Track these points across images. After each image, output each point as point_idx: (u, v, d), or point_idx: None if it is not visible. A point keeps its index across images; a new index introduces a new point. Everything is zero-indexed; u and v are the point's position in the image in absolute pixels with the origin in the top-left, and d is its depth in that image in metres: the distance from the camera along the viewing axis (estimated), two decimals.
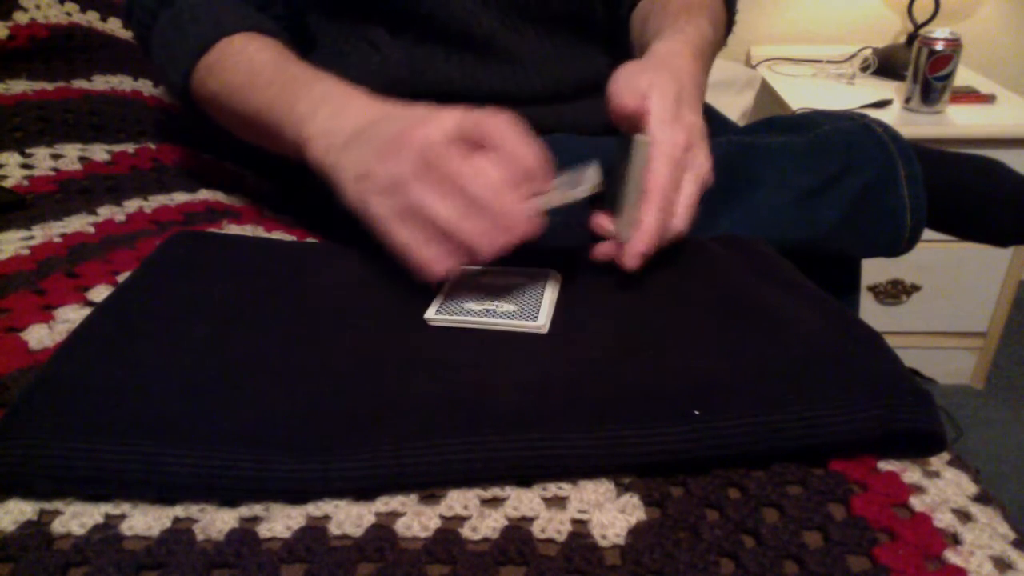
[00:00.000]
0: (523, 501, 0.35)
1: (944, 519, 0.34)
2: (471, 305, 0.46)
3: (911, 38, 1.56)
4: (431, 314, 0.46)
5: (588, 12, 0.74)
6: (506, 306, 0.46)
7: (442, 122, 0.45)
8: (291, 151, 0.53)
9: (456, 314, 0.46)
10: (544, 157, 0.44)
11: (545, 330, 0.45)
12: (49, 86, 0.76)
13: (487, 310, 0.46)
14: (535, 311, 0.46)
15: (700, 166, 0.51)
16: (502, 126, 0.44)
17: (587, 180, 0.46)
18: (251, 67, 0.56)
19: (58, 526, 0.33)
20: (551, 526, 0.34)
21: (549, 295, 0.48)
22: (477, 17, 0.68)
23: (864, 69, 1.58)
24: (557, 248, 0.55)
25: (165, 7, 0.61)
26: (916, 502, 0.35)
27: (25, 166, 0.65)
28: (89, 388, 0.38)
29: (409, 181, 0.44)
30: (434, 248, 0.44)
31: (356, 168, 0.47)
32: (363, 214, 0.47)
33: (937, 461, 0.38)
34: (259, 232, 0.63)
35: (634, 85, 0.50)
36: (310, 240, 0.65)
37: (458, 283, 0.49)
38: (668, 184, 0.49)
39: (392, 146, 0.45)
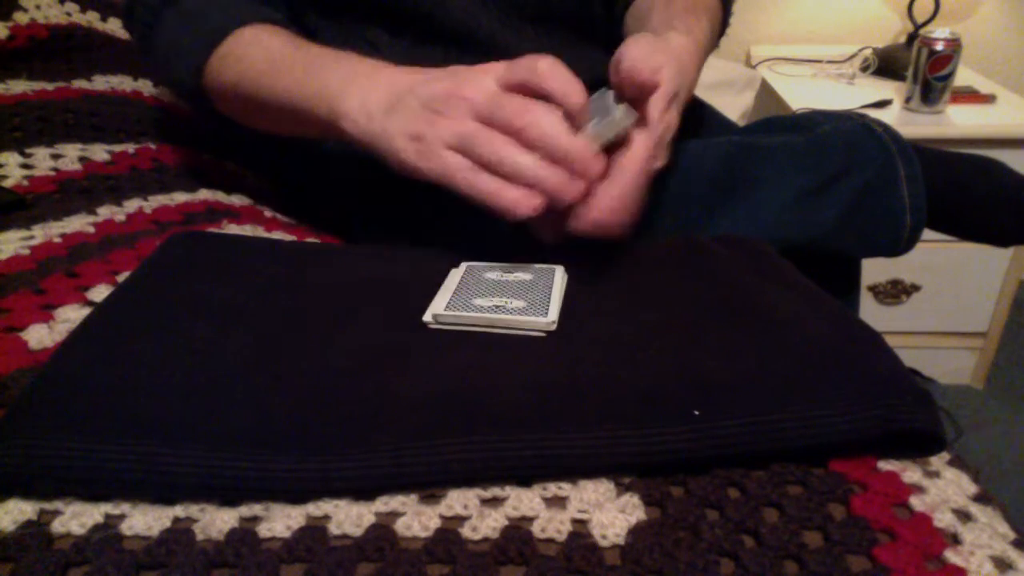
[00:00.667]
0: (523, 501, 0.35)
1: (944, 519, 0.34)
2: (480, 301, 0.46)
3: (911, 38, 1.56)
4: (439, 309, 0.46)
5: (587, 11, 0.74)
6: (515, 302, 0.46)
7: (489, 74, 0.46)
8: (323, 130, 0.53)
9: (465, 310, 0.46)
10: (583, 92, 0.46)
11: (554, 327, 0.45)
12: (49, 86, 0.76)
13: (496, 306, 0.46)
14: (544, 307, 0.46)
15: (657, 164, 0.52)
16: (545, 68, 0.45)
17: (616, 110, 0.47)
18: (269, 53, 0.56)
19: (58, 526, 0.33)
20: (551, 526, 0.34)
21: (557, 291, 0.48)
22: (476, 17, 0.68)
23: (864, 69, 1.58)
24: (554, 248, 0.56)
25: (169, 6, 0.61)
26: (916, 502, 0.35)
27: (25, 166, 0.65)
28: (89, 388, 0.37)
29: (477, 133, 0.45)
30: (517, 190, 0.45)
31: (408, 129, 0.47)
32: (423, 172, 0.47)
33: (937, 461, 0.38)
34: (259, 232, 0.63)
35: (651, 59, 0.50)
36: (310, 240, 0.65)
37: (465, 280, 0.49)
38: (644, 168, 0.49)
39: (445, 103, 0.46)
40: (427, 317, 0.46)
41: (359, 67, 0.52)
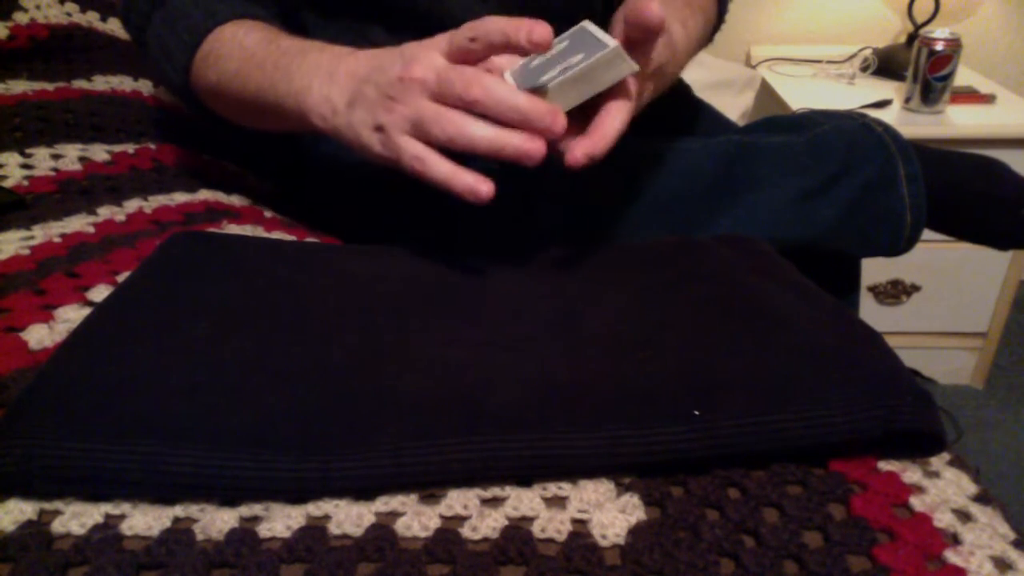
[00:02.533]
0: (523, 501, 0.35)
1: (944, 519, 0.34)
2: (547, 77, 0.47)
3: (911, 38, 1.56)
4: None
5: (587, 8, 0.74)
6: (574, 59, 0.47)
7: (435, 49, 0.46)
8: (296, 125, 0.54)
9: (547, 89, 0.46)
10: (536, 22, 0.45)
11: (616, 44, 0.45)
12: (49, 86, 0.76)
13: (564, 69, 0.47)
14: (597, 42, 0.46)
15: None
16: (483, 23, 0.45)
17: (607, 42, 0.46)
18: (243, 52, 0.57)
19: (58, 526, 0.33)
20: (551, 526, 0.34)
21: (595, 31, 0.48)
22: (476, 14, 0.68)
23: (864, 69, 1.58)
24: (553, 247, 0.56)
25: (157, 8, 0.61)
26: (916, 502, 0.35)
27: (25, 166, 0.65)
28: (89, 388, 0.37)
29: (426, 114, 0.45)
30: (470, 174, 0.45)
31: (369, 121, 0.48)
32: (394, 163, 0.47)
33: (937, 461, 0.38)
34: (259, 232, 0.63)
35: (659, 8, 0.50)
36: (310, 240, 0.65)
37: (521, 77, 0.50)
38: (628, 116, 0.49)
39: (398, 89, 0.46)
40: None
41: (322, 60, 0.52)
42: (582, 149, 0.47)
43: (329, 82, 0.50)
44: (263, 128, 0.61)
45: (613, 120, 0.47)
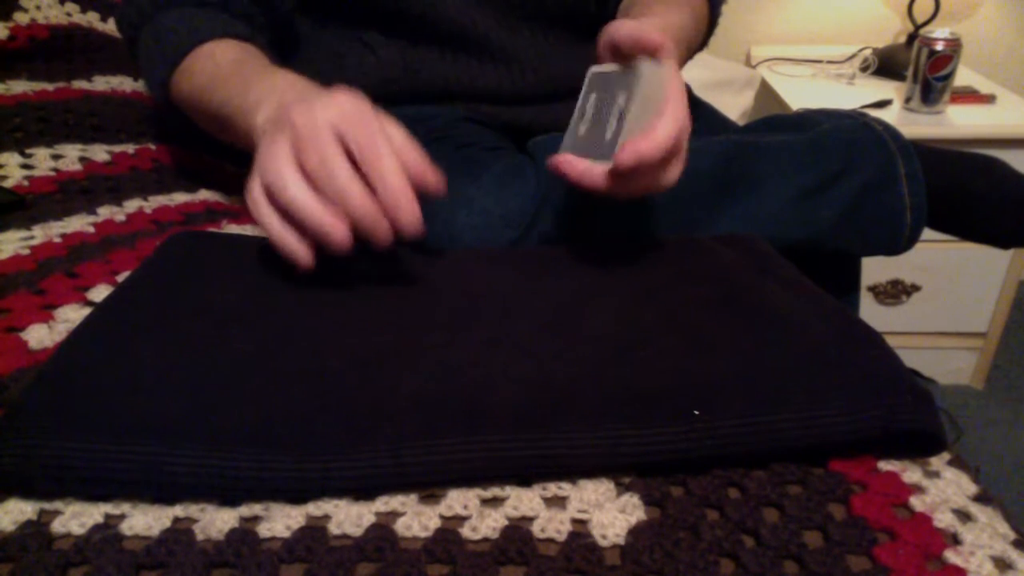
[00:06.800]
0: (523, 501, 0.35)
1: (944, 519, 0.34)
2: (612, 132, 0.48)
3: (911, 38, 1.56)
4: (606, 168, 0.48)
5: (581, 8, 0.74)
6: (619, 99, 0.49)
7: (328, 106, 0.44)
8: (248, 142, 0.53)
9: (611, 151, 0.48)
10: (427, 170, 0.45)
11: (643, 62, 0.48)
12: (49, 86, 0.76)
13: (620, 116, 0.48)
14: (624, 73, 0.49)
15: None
16: (377, 134, 0.44)
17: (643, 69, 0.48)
18: (215, 69, 0.57)
19: (58, 526, 0.33)
20: (551, 526, 0.34)
21: (613, 68, 0.50)
22: (471, 16, 0.68)
23: (864, 69, 1.58)
24: (553, 247, 0.56)
25: (147, 22, 0.62)
26: (916, 502, 0.35)
27: (25, 166, 0.65)
28: (89, 387, 0.37)
29: (280, 158, 0.44)
30: (292, 235, 0.45)
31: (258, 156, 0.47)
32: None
33: (937, 461, 0.38)
34: (259, 232, 0.63)
35: (648, 25, 0.50)
36: None
37: (584, 148, 0.51)
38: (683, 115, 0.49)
39: (275, 125, 0.46)
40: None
41: (279, 85, 0.52)
42: (631, 147, 0.46)
43: (278, 106, 0.49)
44: (232, 142, 0.61)
45: (664, 124, 0.47)
